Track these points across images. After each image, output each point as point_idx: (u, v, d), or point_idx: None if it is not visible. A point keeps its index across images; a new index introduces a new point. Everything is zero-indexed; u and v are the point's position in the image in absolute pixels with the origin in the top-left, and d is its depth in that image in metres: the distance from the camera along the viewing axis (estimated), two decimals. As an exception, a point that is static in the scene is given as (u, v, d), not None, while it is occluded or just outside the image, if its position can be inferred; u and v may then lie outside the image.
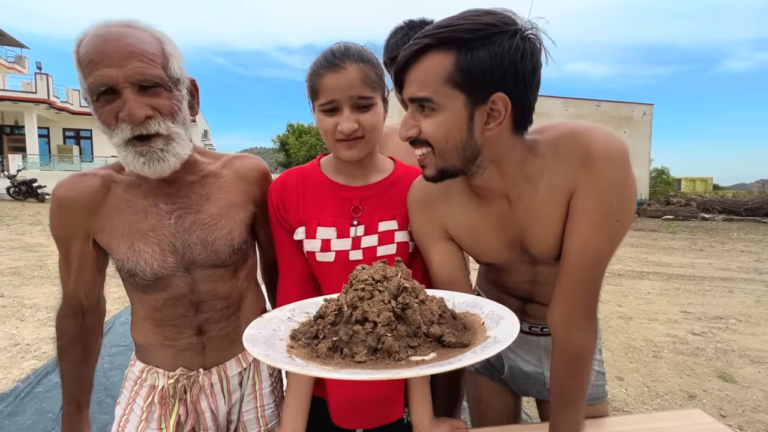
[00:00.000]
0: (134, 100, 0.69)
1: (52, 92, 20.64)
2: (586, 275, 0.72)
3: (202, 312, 0.88)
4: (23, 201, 14.53)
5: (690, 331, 3.79)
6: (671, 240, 9.68)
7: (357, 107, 0.79)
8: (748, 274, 6.06)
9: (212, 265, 0.86)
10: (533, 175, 0.73)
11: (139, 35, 0.72)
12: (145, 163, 0.74)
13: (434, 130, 0.67)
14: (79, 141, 23.67)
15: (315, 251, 0.86)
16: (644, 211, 15.63)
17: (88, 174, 0.84)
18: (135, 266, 0.81)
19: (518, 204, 0.75)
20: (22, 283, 4.89)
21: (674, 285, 5.44)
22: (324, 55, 0.80)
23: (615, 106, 19.94)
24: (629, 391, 2.74)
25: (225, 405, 0.94)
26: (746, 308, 4.45)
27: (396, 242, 0.88)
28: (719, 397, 2.66)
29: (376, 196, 0.89)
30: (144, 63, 0.70)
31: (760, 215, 14.48)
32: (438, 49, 0.64)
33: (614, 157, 0.67)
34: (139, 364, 0.92)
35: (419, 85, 0.66)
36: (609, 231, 0.69)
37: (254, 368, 0.98)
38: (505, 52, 0.61)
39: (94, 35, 0.70)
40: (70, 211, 0.81)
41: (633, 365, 3.11)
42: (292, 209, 0.88)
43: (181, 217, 0.84)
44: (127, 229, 0.82)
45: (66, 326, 0.91)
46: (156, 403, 0.88)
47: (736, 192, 21.09)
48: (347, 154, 0.82)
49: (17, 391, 2.53)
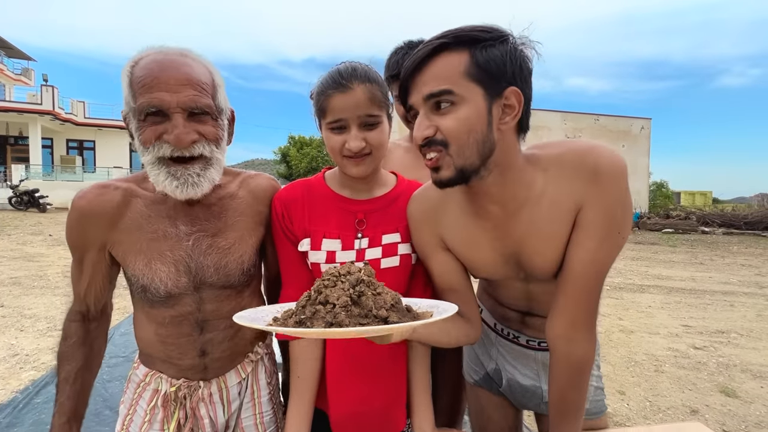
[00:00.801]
0: (183, 125, 0.73)
1: (57, 104, 20.87)
2: (589, 287, 0.74)
3: (206, 332, 0.89)
4: (25, 211, 14.58)
5: (691, 345, 3.77)
6: (671, 253, 9.68)
7: (364, 125, 0.82)
8: (749, 288, 6.05)
9: (221, 286, 0.89)
10: (534, 187, 0.74)
11: (195, 65, 0.76)
12: (178, 187, 0.76)
13: (456, 125, 0.67)
14: (82, 152, 23.82)
15: (320, 262, 0.88)
16: (644, 224, 15.64)
17: (110, 186, 0.85)
18: (150, 283, 0.83)
19: (517, 216, 0.76)
20: (22, 293, 4.88)
21: (675, 298, 5.43)
22: (331, 75, 0.82)
23: (613, 120, 20.15)
24: (631, 405, 2.72)
25: (224, 414, 0.95)
26: (748, 322, 4.43)
27: (399, 254, 0.90)
28: (722, 412, 2.64)
29: (380, 210, 0.91)
30: (197, 92, 0.74)
31: (759, 229, 14.49)
32: (453, 47, 0.67)
33: (619, 172, 0.70)
34: (143, 368, 0.93)
35: (437, 80, 0.67)
36: (613, 243, 0.73)
37: (252, 377, 1.00)
38: (514, 50, 0.67)
39: (152, 60, 0.73)
40: (89, 222, 0.82)
41: (634, 379, 3.09)
42: (297, 220, 0.90)
43: (199, 240, 0.86)
44: (144, 246, 0.83)
45: (73, 329, 0.91)
46: (159, 406, 0.90)
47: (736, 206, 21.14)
48: (354, 170, 0.84)
49: (15, 402, 2.52)
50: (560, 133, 18.64)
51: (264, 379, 1.02)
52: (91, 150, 24.04)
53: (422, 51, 0.68)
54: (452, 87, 0.66)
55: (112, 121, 23.93)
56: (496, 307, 1.03)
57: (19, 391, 2.65)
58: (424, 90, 0.68)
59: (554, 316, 0.78)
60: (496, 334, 1.05)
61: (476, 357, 1.11)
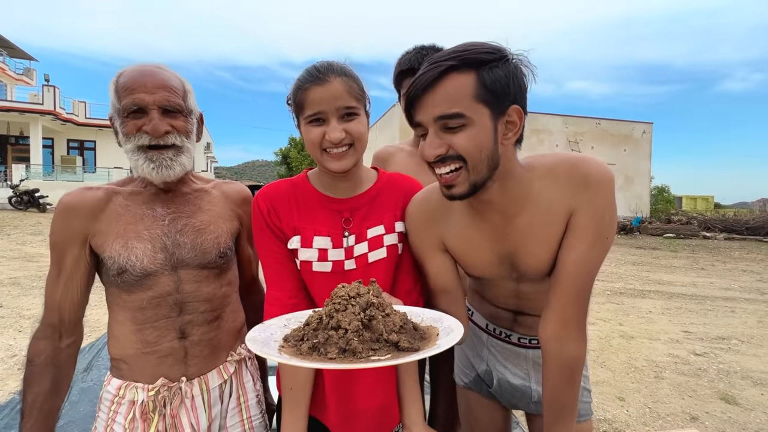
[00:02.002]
0: (158, 119, 0.87)
1: (58, 104, 20.93)
2: (580, 287, 0.79)
3: (185, 313, 0.91)
4: (25, 211, 14.60)
5: (692, 352, 3.76)
6: (672, 258, 9.66)
7: (343, 117, 0.82)
8: (750, 294, 6.03)
9: (198, 266, 0.92)
10: (531, 194, 0.79)
11: (168, 74, 0.91)
12: (154, 169, 0.88)
13: (468, 144, 0.71)
14: (83, 152, 23.87)
15: (312, 260, 0.87)
16: (645, 228, 15.62)
17: (94, 187, 0.94)
18: (126, 262, 0.86)
19: (514, 221, 0.81)
20: (21, 293, 4.88)
21: (676, 304, 5.41)
22: (308, 71, 0.84)
23: (615, 124, 20.17)
24: (630, 411, 2.71)
25: (206, 420, 0.94)
26: (748, 329, 4.42)
27: (385, 246, 0.90)
28: (722, 419, 2.63)
29: (365, 206, 0.92)
30: (170, 93, 0.89)
31: (761, 234, 14.46)
32: (461, 69, 0.69)
33: (607, 181, 0.77)
34: (115, 382, 0.91)
35: (448, 103, 0.70)
36: (601, 246, 0.78)
37: (236, 381, 0.99)
38: (515, 69, 0.72)
39: (133, 70, 0.89)
40: (72, 216, 0.88)
41: (634, 385, 3.08)
42: (285, 217, 0.89)
43: (175, 219, 0.93)
44: (122, 230, 0.89)
45: (41, 347, 0.88)
46: (138, 418, 0.88)
47: (738, 211, 21.09)
48: (336, 165, 0.84)
49: (13, 403, 2.51)
50: (561, 136, 18.63)
51: (250, 382, 1.02)
52: (91, 150, 24.08)
53: (431, 72, 0.70)
54: (463, 110, 0.69)
55: (113, 121, 23.99)
56: (488, 307, 1.05)
57: (17, 393, 2.64)
58: (435, 111, 0.71)
59: (547, 316, 0.82)
60: (488, 334, 1.07)
61: (467, 359, 1.12)
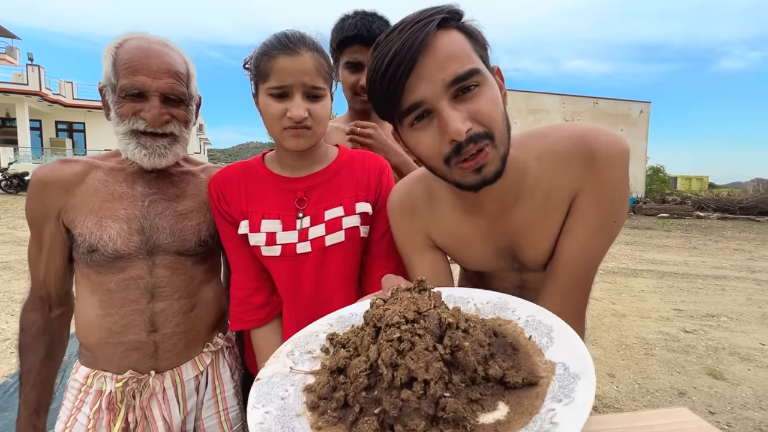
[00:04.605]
0: (159, 107, 0.81)
1: (44, 84, 20.34)
2: (580, 277, 0.70)
3: (157, 300, 0.85)
4: (15, 194, 14.37)
5: (682, 329, 3.82)
6: (666, 238, 9.74)
7: (308, 96, 0.77)
8: (741, 273, 6.11)
9: (175, 252, 0.87)
10: (527, 178, 0.69)
11: (174, 56, 0.84)
12: (146, 155, 0.83)
13: (492, 108, 0.58)
14: (72, 134, 23.37)
15: (260, 245, 0.84)
16: (640, 209, 15.71)
17: (71, 160, 0.87)
18: (97, 241, 0.81)
19: (511, 211, 0.71)
20: (13, 277, 4.84)
21: (668, 283, 5.48)
22: (278, 38, 0.77)
23: (612, 104, 19.96)
24: (620, 388, 2.76)
25: (180, 413, 0.90)
26: (738, 306, 4.49)
27: (344, 229, 0.85)
28: (709, 394, 2.69)
29: (321, 185, 0.87)
30: (175, 80, 0.82)
31: (754, 214, 14.60)
32: (448, 25, 0.58)
33: (618, 156, 0.64)
34: (83, 369, 0.87)
35: (459, 61, 0.56)
36: (607, 232, 0.68)
37: (213, 371, 0.95)
38: (476, 26, 0.62)
39: (137, 45, 0.81)
40: (46, 191, 0.83)
41: (625, 362, 3.13)
42: (233, 202, 0.86)
43: (155, 202, 0.87)
44: (97, 206, 0.83)
45: (32, 318, 0.88)
46: (104, 409, 0.84)
47: (731, 191, 21.23)
48: (293, 142, 0.79)
49: (6, 387, 2.51)
50: (559, 116, 18.47)
51: (227, 372, 0.98)
52: (81, 132, 23.59)
53: (420, 32, 0.56)
54: (477, 66, 0.57)
55: (102, 102, 23.44)
56: None
57: (10, 376, 2.64)
58: (446, 75, 0.56)
59: (543, 304, 0.74)
60: None
61: None
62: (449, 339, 0.41)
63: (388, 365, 0.40)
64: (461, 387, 0.39)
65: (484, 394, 0.39)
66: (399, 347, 0.40)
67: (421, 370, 0.38)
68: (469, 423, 0.37)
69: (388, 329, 0.42)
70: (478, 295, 0.55)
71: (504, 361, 0.42)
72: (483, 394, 0.39)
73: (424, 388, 0.38)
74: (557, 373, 0.41)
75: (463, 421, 0.37)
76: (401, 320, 0.42)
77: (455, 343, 0.41)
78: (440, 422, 0.37)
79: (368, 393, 0.40)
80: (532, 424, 0.36)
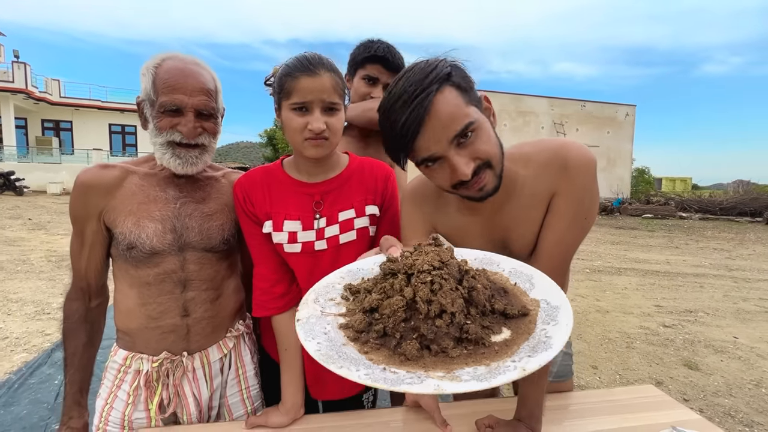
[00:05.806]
0: (194, 122, 0.92)
1: (30, 82, 19.92)
2: (557, 265, 0.83)
3: (188, 290, 0.97)
4: (0, 194, 14.10)
5: (661, 324, 4.02)
6: (649, 238, 10.05)
7: (326, 110, 0.88)
8: (719, 271, 6.39)
9: (203, 249, 0.98)
10: (516, 182, 0.83)
11: (206, 75, 0.95)
12: (180, 164, 0.94)
13: (487, 146, 0.73)
14: (59, 133, 22.90)
15: (283, 243, 0.94)
16: (625, 209, 16.09)
17: (110, 165, 0.98)
18: (136, 239, 0.92)
19: (503, 209, 0.86)
20: (6, 277, 4.83)
21: (650, 281, 5.71)
22: (299, 60, 0.88)
23: (599, 107, 20.37)
24: (602, 378, 2.92)
25: (207, 390, 1.01)
26: (714, 302, 4.72)
27: (356, 229, 0.96)
28: (684, 383, 2.87)
29: (335, 190, 0.97)
30: (207, 98, 0.93)
31: (733, 214, 15.10)
32: (441, 87, 0.70)
33: (586, 164, 0.80)
34: (121, 352, 0.98)
35: (456, 120, 0.70)
36: (580, 227, 0.82)
37: (235, 354, 1.07)
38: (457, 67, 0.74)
39: (174, 66, 0.92)
40: (89, 193, 0.93)
41: (607, 355, 3.30)
42: (258, 203, 0.96)
43: (185, 204, 0.98)
44: (135, 208, 0.94)
45: (74, 307, 0.98)
46: (142, 386, 0.95)
47: (713, 192, 21.83)
48: (313, 152, 0.89)
49: (10, 383, 2.56)
50: (547, 118, 18.77)
51: (248, 355, 1.10)
52: (68, 131, 23.13)
53: (420, 102, 0.68)
54: (472, 119, 0.71)
55: (90, 101, 22.95)
56: None
57: (13, 373, 2.68)
58: (449, 133, 0.70)
59: None
60: None
61: None
62: (467, 281, 0.54)
63: (425, 301, 0.52)
64: (477, 317, 0.52)
65: (492, 322, 0.53)
66: (432, 287, 0.52)
67: (449, 304, 0.51)
68: (486, 341, 0.50)
69: (420, 274, 0.53)
70: (467, 253, 0.68)
71: (503, 300, 0.55)
72: (491, 322, 0.53)
73: (451, 317, 0.51)
74: (542, 307, 0.55)
75: (481, 340, 0.50)
76: (430, 267, 0.54)
77: (471, 285, 0.54)
78: (464, 341, 0.50)
79: (406, 324, 0.52)
80: (531, 340, 0.49)
